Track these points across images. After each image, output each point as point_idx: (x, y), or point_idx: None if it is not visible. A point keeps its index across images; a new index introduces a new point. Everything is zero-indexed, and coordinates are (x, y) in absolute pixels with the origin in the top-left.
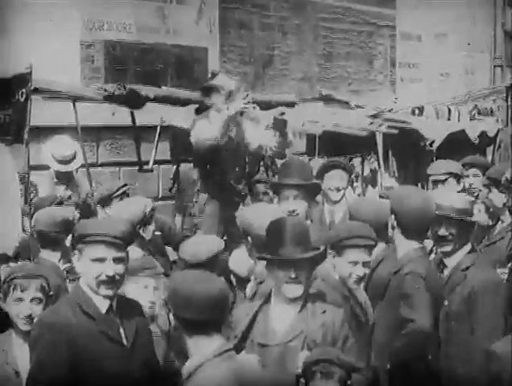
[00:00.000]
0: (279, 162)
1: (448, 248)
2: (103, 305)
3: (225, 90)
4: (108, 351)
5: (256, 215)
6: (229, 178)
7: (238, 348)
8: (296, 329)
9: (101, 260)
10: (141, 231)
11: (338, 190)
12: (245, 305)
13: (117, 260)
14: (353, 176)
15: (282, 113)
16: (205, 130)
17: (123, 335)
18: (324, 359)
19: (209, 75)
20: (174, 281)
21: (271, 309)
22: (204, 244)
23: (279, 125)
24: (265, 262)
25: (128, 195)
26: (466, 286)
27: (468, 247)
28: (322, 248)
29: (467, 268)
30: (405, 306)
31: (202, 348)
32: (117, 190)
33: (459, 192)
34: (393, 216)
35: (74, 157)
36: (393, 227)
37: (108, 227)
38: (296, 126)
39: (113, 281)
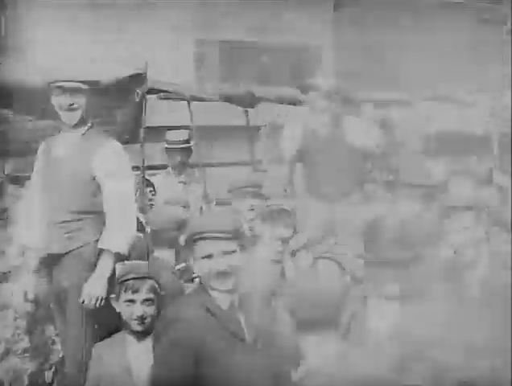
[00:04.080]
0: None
1: None
2: (224, 301)
3: (322, 88)
4: (230, 347)
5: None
6: (329, 177)
7: None
8: (396, 327)
9: (210, 256)
10: None
11: None
12: None
13: (226, 254)
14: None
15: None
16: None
17: (245, 331)
18: None
19: (308, 74)
20: (293, 280)
21: (371, 307)
22: None
23: (386, 124)
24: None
25: None
26: None
27: None
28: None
29: None
30: None
31: (318, 348)
32: None
33: None
34: None
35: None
36: None
37: (214, 222)
38: (412, 125)
39: (225, 276)
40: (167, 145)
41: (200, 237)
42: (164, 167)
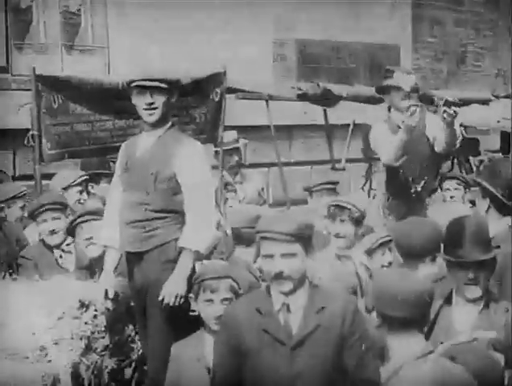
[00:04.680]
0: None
1: None
2: (277, 302)
3: (402, 89)
4: (268, 350)
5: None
6: (408, 176)
7: None
8: (479, 329)
9: (271, 256)
10: None
11: None
12: None
13: (287, 256)
14: None
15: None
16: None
17: (286, 335)
18: None
19: (385, 73)
20: (379, 278)
21: (453, 309)
22: None
23: (448, 119)
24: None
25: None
26: None
27: None
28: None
29: None
30: None
31: (404, 347)
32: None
33: None
34: None
35: None
36: None
37: (276, 223)
38: (490, 123)
39: (282, 278)
40: (216, 148)
41: (263, 237)
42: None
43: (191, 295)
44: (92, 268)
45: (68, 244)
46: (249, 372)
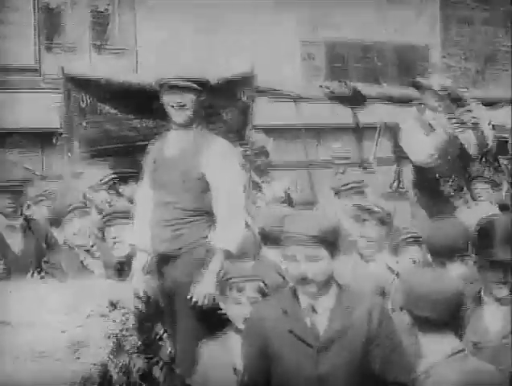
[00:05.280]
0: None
1: None
2: (303, 304)
3: (437, 90)
4: (294, 351)
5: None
6: (438, 176)
7: None
8: (509, 327)
9: (294, 258)
10: None
11: None
12: None
13: (311, 259)
14: None
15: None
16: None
17: (312, 336)
18: None
19: (421, 72)
20: (409, 278)
21: (484, 308)
22: None
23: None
24: None
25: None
26: None
27: None
28: None
29: None
30: None
31: (435, 347)
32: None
33: None
34: None
35: None
36: None
37: (299, 226)
38: None
39: (306, 280)
40: (243, 149)
41: (287, 239)
42: (243, 168)
43: (218, 295)
44: (119, 267)
45: (92, 245)
46: (276, 374)
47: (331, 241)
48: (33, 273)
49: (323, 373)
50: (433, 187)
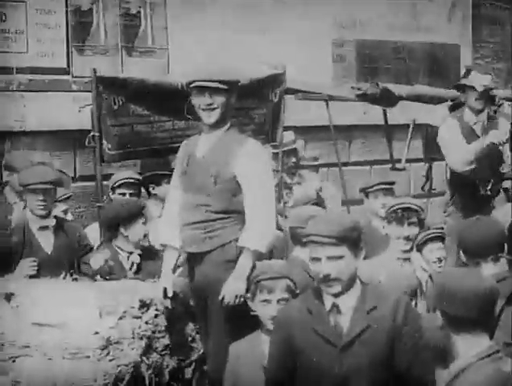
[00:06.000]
0: None
1: None
2: (327, 303)
3: (476, 89)
4: (318, 351)
5: None
6: (476, 179)
7: None
8: None
9: (317, 259)
10: None
11: None
12: None
13: (333, 259)
14: None
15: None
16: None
17: (335, 336)
18: None
19: (463, 73)
20: (442, 277)
21: None
22: None
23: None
24: None
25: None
26: None
27: None
28: None
29: None
30: None
31: (469, 348)
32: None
33: None
34: None
35: None
36: None
37: (320, 226)
38: None
39: (330, 280)
40: (273, 150)
41: (309, 240)
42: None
43: (248, 295)
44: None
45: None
46: (301, 372)
47: (353, 240)
48: (66, 274)
49: (346, 372)
50: (470, 190)
